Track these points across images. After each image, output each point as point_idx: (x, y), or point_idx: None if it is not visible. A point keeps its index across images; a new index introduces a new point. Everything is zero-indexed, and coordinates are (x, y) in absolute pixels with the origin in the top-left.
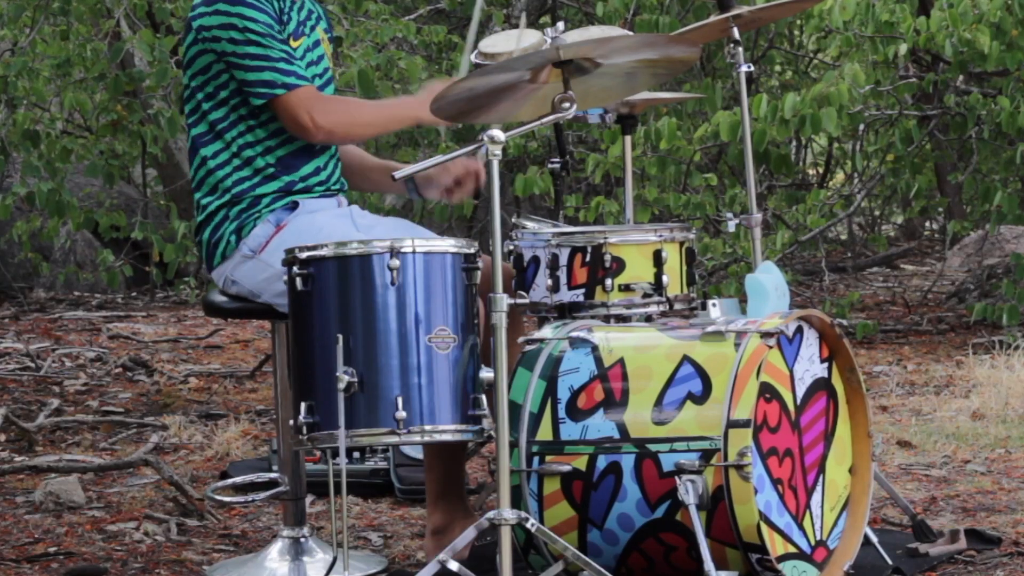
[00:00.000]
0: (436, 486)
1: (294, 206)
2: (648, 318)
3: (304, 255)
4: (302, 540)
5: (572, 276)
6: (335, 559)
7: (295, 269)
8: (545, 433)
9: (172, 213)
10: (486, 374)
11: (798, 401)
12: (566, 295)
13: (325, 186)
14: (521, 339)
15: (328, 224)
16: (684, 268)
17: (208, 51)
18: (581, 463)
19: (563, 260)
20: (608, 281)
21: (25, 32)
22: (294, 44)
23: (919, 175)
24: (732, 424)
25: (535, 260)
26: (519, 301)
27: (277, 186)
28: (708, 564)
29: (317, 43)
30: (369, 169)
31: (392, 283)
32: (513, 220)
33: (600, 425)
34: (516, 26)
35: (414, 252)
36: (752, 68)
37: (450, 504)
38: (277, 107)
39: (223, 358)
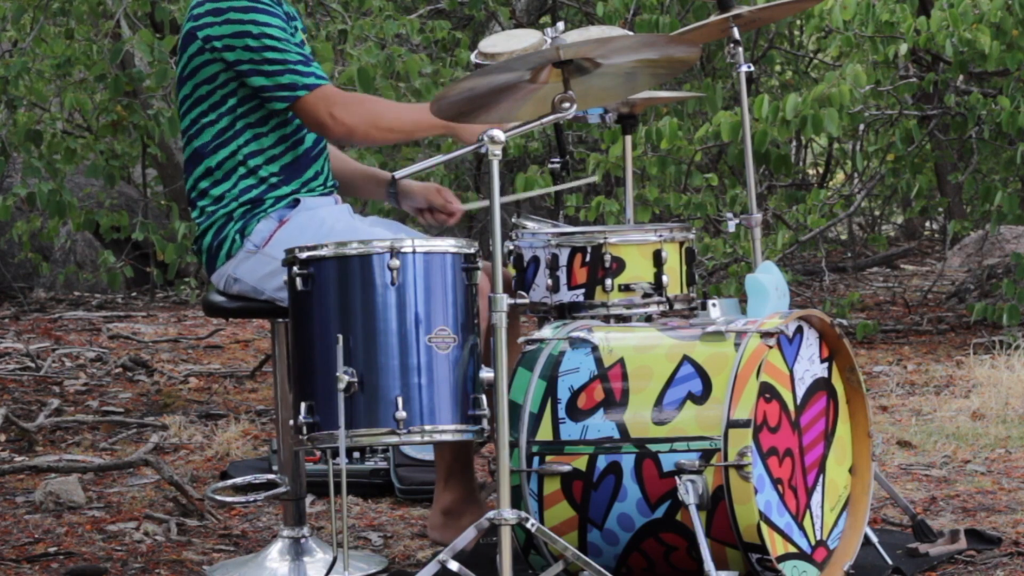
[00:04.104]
0: (446, 466)
1: (295, 203)
2: (648, 318)
3: (304, 255)
4: (302, 540)
5: (572, 276)
6: (335, 559)
7: (295, 269)
8: (545, 433)
9: (172, 213)
10: (486, 374)
11: (798, 401)
12: (566, 295)
13: (324, 187)
14: (521, 339)
15: (330, 218)
16: (684, 268)
17: (217, 60)
18: (581, 463)
19: (563, 260)
20: (608, 281)
21: (27, 32)
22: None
23: (919, 175)
24: (732, 424)
25: (535, 260)
26: (519, 301)
27: (281, 193)
28: (708, 564)
29: (302, 44)
30: (351, 175)
31: (392, 283)
32: (513, 220)
33: (600, 425)
34: (521, 25)
35: (414, 252)
36: (752, 68)
37: (460, 483)
38: (298, 108)
39: (223, 358)
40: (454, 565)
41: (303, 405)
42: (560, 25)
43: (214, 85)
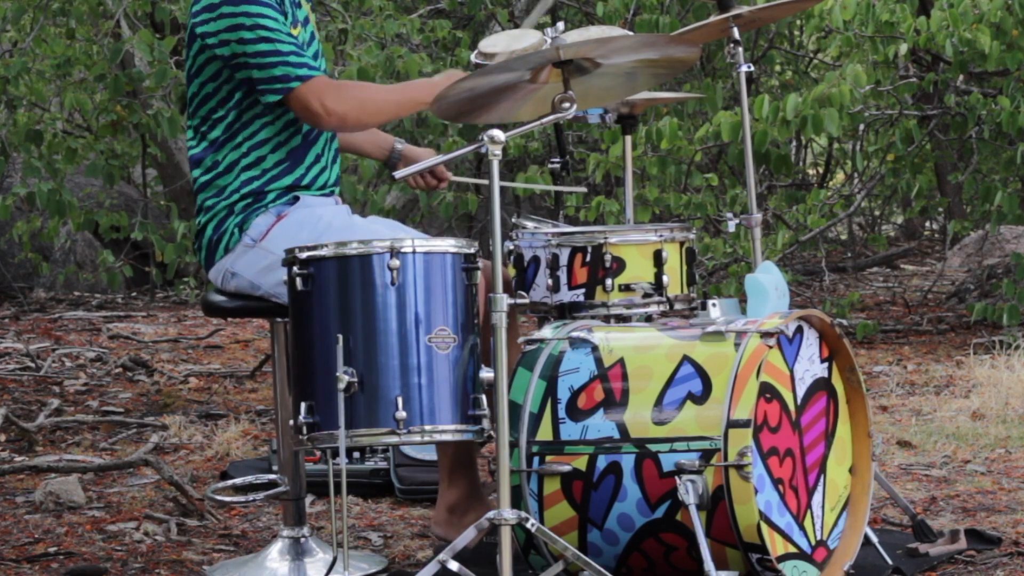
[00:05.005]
0: (449, 463)
1: (295, 200)
2: (648, 318)
3: (304, 255)
4: (302, 540)
5: (572, 276)
6: (335, 559)
7: (295, 269)
8: (545, 433)
9: (172, 213)
10: (486, 374)
11: (798, 401)
12: (566, 295)
13: (326, 183)
14: (521, 339)
15: (328, 215)
16: (684, 268)
17: (216, 57)
18: (581, 463)
19: (563, 260)
20: (608, 281)
21: (27, 32)
22: (294, 32)
23: (919, 175)
24: (732, 424)
25: (535, 260)
26: (519, 301)
27: (284, 184)
28: (708, 564)
29: (307, 20)
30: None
31: (392, 283)
32: (513, 220)
33: (600, 425)
34: (519, 26)
35: (414, 252)
36: (752, 68)
37: (464, 480)
38: (291, 100)
39: (223, 358)
40: (454, 565)
41: (303, 405)
42: (560, 25)
43: (219, 81)
